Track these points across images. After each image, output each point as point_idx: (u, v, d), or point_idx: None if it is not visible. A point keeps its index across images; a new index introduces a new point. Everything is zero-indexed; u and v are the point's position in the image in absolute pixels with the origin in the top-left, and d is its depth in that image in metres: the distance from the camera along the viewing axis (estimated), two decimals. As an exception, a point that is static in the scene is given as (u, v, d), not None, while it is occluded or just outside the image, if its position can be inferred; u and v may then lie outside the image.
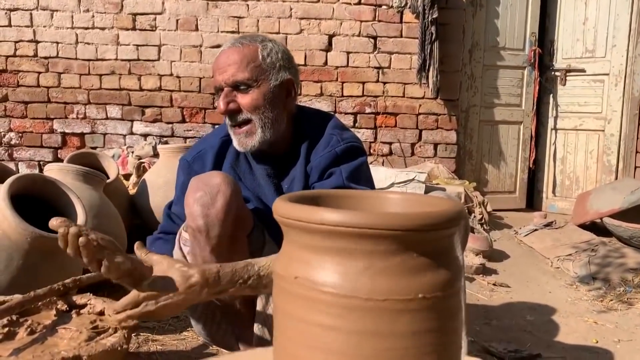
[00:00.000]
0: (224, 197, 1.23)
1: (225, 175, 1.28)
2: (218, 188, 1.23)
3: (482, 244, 2.96)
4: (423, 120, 3.88)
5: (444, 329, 0.91)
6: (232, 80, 1.39)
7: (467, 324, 1.30)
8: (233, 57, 1.41)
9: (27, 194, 1.84)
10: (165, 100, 3.82)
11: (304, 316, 0.90)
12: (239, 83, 1.40)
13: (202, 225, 1.23)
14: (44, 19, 3.76)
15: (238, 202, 1.28)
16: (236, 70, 1.39)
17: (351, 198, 1.18)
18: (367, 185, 1.39)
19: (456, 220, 0.94)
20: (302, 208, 0.93)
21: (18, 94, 3.81)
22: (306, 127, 1.48)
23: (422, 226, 0.88)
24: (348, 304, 0.87)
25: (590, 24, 4.08)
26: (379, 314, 0.87)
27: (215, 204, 1.22)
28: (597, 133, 4.13)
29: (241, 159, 1.51)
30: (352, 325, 0.87)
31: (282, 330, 0.95)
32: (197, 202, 1.23)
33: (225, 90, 1.40)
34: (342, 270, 0.88)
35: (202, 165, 1.50)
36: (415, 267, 0.89)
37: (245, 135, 1.41)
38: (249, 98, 1.40)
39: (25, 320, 1.33)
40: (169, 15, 3.77)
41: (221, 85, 1.41)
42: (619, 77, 4.00)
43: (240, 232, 1.31)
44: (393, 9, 3.77)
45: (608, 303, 2.45)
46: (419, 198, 1.16)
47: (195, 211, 1.23)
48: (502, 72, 4.11)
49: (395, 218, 0.89)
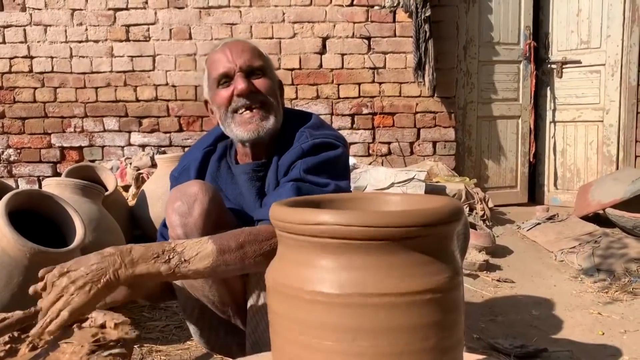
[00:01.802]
0: (201, 205, 1.22)
1: (203, 183, 1.27)
2: (195, 197, 1.23)
3: (485, 240, 2.95)
4: (421, 119, 3.87)
5: (443, 323, 0.90)
6: (248, 64, 1.37)
7: (466, 321, 1.30)
8: (244, 46, 1.40)
9: (25, 209, 1.84)
10: (161, 110, 3.82)
11: (301, 317, 0.90)
12: (254, 68, 1.38)
13: (181, 234, 1.22)
14: (37, 35, 3.77)
15: (218, 208, 1.27)
16: (251, 56, 1.38)
17: (351, 201, 1.17)
18: (332, 179, 1.33)
19: (454, 217, 0.94)
20: (299, 211, 0.93)
21: (15, 110, 3.82)
22: (285, 129, 1.44)
23: (419, 223, 0.88)
24: (347, 303, 0.87)
25: (584, 15, 4.07)
26: (379, 310, 0.87)
27: (192, 212, 1.22)
28: (596, 124, 4.12)
29: (222, 169, 1.48)
30: (351, 323, 0.86)
31: (279, 332, 0.95)
32: (175, 211, 1.23)
33: (239, 73, 1.36)
34: (340, 269, 0.88)
35: (187, 179, 1.45)
36: (413, 263, 0.89)
37: (260, 118, 1.37)
38: (265, 82, 1.39)
39: (26, 336, 1.32)
40: (162, 25, 3.77)
41: (233, 70, 1.37)
42: (615, 67, 3.99)
43: None
44: (386, 9, 3.77)
45: (613, 294, 2.43)
46: (418, 198, 1.15)
47: (174, 221, 1.23)
48: (498, 67, 4.10)
49: (392, 216, 0.89)
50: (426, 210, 0.91)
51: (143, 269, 1.06)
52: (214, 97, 1.42)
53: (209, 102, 1.47)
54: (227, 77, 1.38)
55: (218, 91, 1.40)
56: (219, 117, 1.43)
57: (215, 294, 1.35)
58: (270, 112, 1.38)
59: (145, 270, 1.06)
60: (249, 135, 1.37)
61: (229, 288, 1.35)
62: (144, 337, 1.84)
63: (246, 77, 1.36)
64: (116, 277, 1.06)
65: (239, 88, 1.35)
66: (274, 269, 0.98)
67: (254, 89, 1.37)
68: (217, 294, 1.35)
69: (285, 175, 1.36)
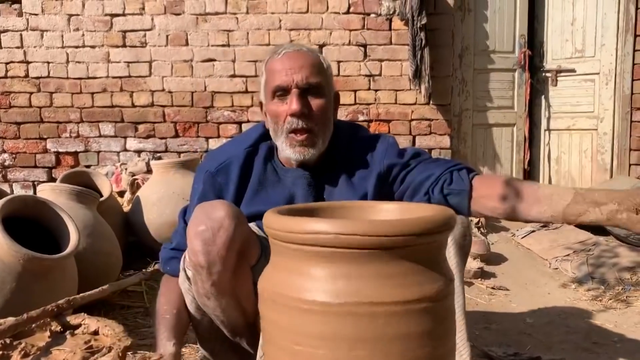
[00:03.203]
0: (226, 233, 1.16)
1: (229, 207, 1.20)
2: (221, 223, 1.16)
3: (479, 247, 2.96)
4: (416, 126, 3.88)
5: (436, 332, 0.91)
6: (306, 82, 1.35)
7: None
8: (305, 59, 1.38)
9: (19, 215, 1.83)
10: (158, 116, 3.83)
11: (295, 326, 0.90)
12: (312, 86, 1.36)
13: (203, 261, 1.18)
14: (34, 40, 3.77)
15: (243, 234, 1.21)
16: (310, 73, 1.36)
17: (344, 209, 1.18)
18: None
19: (447, 226, 0.94)
20: (292, 219, 0.93)
21: (10, 115, 3.81)
22: (340, 137, 1.47)
23: (414, 232, 0.88)
24: (341, 312, 0.87)
25: (579, 24, 4.10)
26: (373, 319, 0.87)
27: (216, 240, 1.16)
28: (590, 132, 4.14)
29: (268, 171, 1.46)
30: (346, 332, 0.86)
31: (273, 341, 0.95)
32: (198, 236, 1.17)
33: (295, 91, 1.35)
34: (334, 278, 0.88)
35: (226, 177, 1.43)
36: (407, 272, 0.89)
37: (305, 144, 1.37)
38: (321, 103, 1.38)
39: (19, 343, 1.31)
40: (159, 31, 3.78)
41: (289, 85, 1.35)
42: (609, 75, 4.02)
43: (243, 265, 1.26)
44: (382, 17, 3.79)
45: (607, 302, 2.44)
46: (411, 206, 1.16)
47: (196, 246, 1.18)
48: (493, 75, 4.13)
49: (387, 225, 0.89)
50: (420, 219, 0.91)
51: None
52: (268, 106, 1.42)
53: (264, 105, 1.47)
54: (283, 91, 1.37)
55: (273, 102, 1.39)
56: (271, 127, 1.43)
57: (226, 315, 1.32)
58: (318, 137, 1.38)
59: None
60: (295, 157, 1.39)
61: (240, 309, 1.31)
62: (137, 343, 1.83)
63: (302, 95, 1.35)
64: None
65: (292, 108, 1.34)
66: (267, 277, 0.98)
67: (307, 112, 1.36)
68: (228, 315, 1.32)
69: (387, 174, 1.41)
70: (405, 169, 1.42)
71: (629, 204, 1.03)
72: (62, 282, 1.79)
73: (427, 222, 0.90)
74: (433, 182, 1.35)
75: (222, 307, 1.28)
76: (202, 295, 1.27)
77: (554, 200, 1.16)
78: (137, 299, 2.36)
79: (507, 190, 1.22)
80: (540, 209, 1.18)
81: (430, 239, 0.90)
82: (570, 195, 1.14)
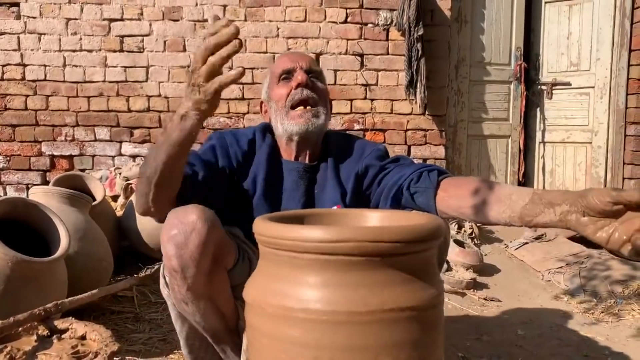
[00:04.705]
0: (198, 236, 1.16)
1: (202, 211, 1.20)
2: (193, 226, 1.16)
3: (472, 258, 2.96)
4: (411, 136, 3.89)
5: (424, 341, 0.90)
6: (309, 67, 1.53)
7: (451, 339, 1.29)
8: (306, 55, 1.60)
9: (10, 218, 1.82)
10: (153, 121, 3.82)
11: (278, 333, 0.89)
12: (314, 71, 1.54)
13: (176, 265, 1.18)
14: (31, 43, 3.77)
15: (217, 237, 1.21)
16: (311, 62, 1.55)
17: (331, 216, 1.18)
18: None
19: (436, 234, 0.94)
20: (282, 226, 0.93)
21: (6, 118, 3.80)
22: (334, 140, 1.59)
23: (403, 239, 0.88)
24: (325, 319, 0.86)
25: (574, 38, 4.13)
26: (358, 327, 0.86)
27: (188, 243, 1.16)
28: (585, 145, 4.16)
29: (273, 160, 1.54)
30: (328, 340, 0.86)
31: (257, 348, 0.94)
32: (171, 240, 1.18)
33: (300, 70, 1.51)
34: (323, 286, 0.87)
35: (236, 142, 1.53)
36: (395, 280, 0.89)
37: (312, 115, 1.49)
38: (323, 86, 1.56)
39: (4, 347, 1.31)
40: (157, 37, 3.79)
41: (294, 67, 1.52)
42: (604, 89, 4.05)
43: (219, 268, 1.26)
44: (379, 27, 3.81)
45: (599, 315, 2.44)
46: (398, 215, 1.16)
47: (169, 250, 1.18)
48: (489, 87, 4.15)
49: (374, 232, 0.89)
50: (408, 227, 0.91)
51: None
52: (272, 93, 1.55)
53: (266, 100, 1.60)
54: (288, 73, 1.52)
55: (278, 86, 1.53)
56: (273, 112, 1.54)
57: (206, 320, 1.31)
58: (320, 112, 1.51)
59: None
60: (299, 128, 1.48)
61: (219, 314, 1.31)
62: (125, 349, 1.82)
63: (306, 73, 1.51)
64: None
65: (299, 78, 1.48)
66: (254, 285, 0.98)
67: (311, 85, 1.51)
68: (208, 320, 1.31)
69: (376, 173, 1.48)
70: (383, 172, 1.48)
71: (578, 205, 0.97)
72: (52, 286, 1.78)
73: (415, 229, 0.90)
74: (403, 182, 1.38)
75: (201, 311, 1.27)
76: (180, 300, 1.27)
77: (513, 200, 1.12)
78: (127, 304, 2.34)
79: (472, 189, 1.20)
80: (500, 209, 1.14)
81: (418, 247, 0.90)
82: (528, 196, 1.09)
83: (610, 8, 4.01)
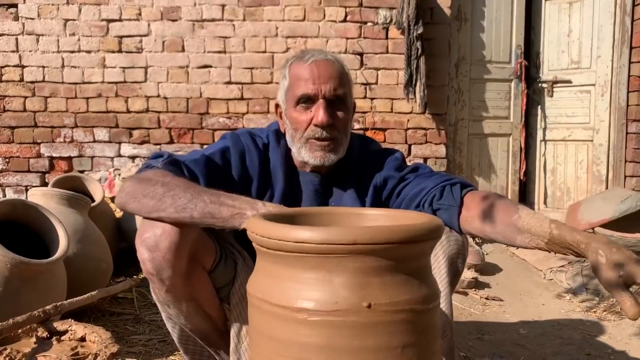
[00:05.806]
0: (169, 237, 1.14)
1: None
2: (163, 228, 1.14)
3: (474, 257, 2.95)
4: (412, 135, 3.88)
5: (422, 343, 0.89)
6: (333, 93, 1.36)
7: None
8: (333, 69, 1.38)
9: (9, 219, 1.81)
10: (152, 122, 3.81)
11: (278, 334, 0.88)
12: (339, 97, 1.38)
13: (151, 269, 1.16)
14: (29, 44, 3.76)
15: (191, 238, 1.18)
16: (338, 84, 1.37)
17: (327, 216, 1.16)
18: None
19: (431, 234, 0.93)
20: (279, 227, 0.92)
21: (4, 119, 3.79)
22: (352, 149, 1.48)
23: (400, 239, 0.87)
24: (324, 321, 0.85)
25: (575, 36, 4.12)
26: (357, 328, 0.85)
27: (159, 245, 1.14)
28: (586, 143, 4.15)
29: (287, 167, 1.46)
30: (326, 341, 0.85)
31: (257, 349, 0.93)
32: (143, 244, 1.16)
33: (322, 102, 1.35)
34: (319, 287, 0.86)
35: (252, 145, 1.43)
36: (393, 280, 0.87)
37: (329, 151, 1.38)
38: (344, 114, 1.40)
39: (4, 349, 1.30)
40: (155, 37, 3.77)
41: (316, 95, 1.36)
42: (605, 87, 4.03)
43: (197, 269, 1.24)
44: (378, 26, 3.80)
45: (601, 314, 2.43)
46: (397, 214, 1.15)
47: (143, 254, 1.16)
48: (489, 85, 4.13)
49: (373, 232, 0.88)
50: (404, 226, 0.90)
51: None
52: (289, 113, 1.41)
53: (282, 110, 1.46)
54: (309, 99, 1.37)
55: (296, 110, 1.39)
56: (288, 130, 1.43)
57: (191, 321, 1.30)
58: (339, 146, 1.40)
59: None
60: (314, 162, 1.39)
61: (204, 315, 1.30)
62: (125, 351, 1.81)
63: (328, 106, 1.36)
64: None
65: (319, 119, 1.35)
66: (253, 284, 0.97)
67: (333, 123, 1.37)
68: (193, 322, 1.30)
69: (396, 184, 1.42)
70: (402, 183, 1.42)
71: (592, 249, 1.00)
72: (51, 288, 1.77)
73: (410, 229, 0.89)
74: (424, 196, 1.34)
75: (184, 313, 1.27)
76: (163, 304, 1.27)
77: (533, 233, 1.13)
78: (127, 305, 2.33)
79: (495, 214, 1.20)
80: (524, 239, 1.14)
81: (414, 247, 0.89)
82: (546, 238, 1.10)
83: (611, 5, 3.99)
